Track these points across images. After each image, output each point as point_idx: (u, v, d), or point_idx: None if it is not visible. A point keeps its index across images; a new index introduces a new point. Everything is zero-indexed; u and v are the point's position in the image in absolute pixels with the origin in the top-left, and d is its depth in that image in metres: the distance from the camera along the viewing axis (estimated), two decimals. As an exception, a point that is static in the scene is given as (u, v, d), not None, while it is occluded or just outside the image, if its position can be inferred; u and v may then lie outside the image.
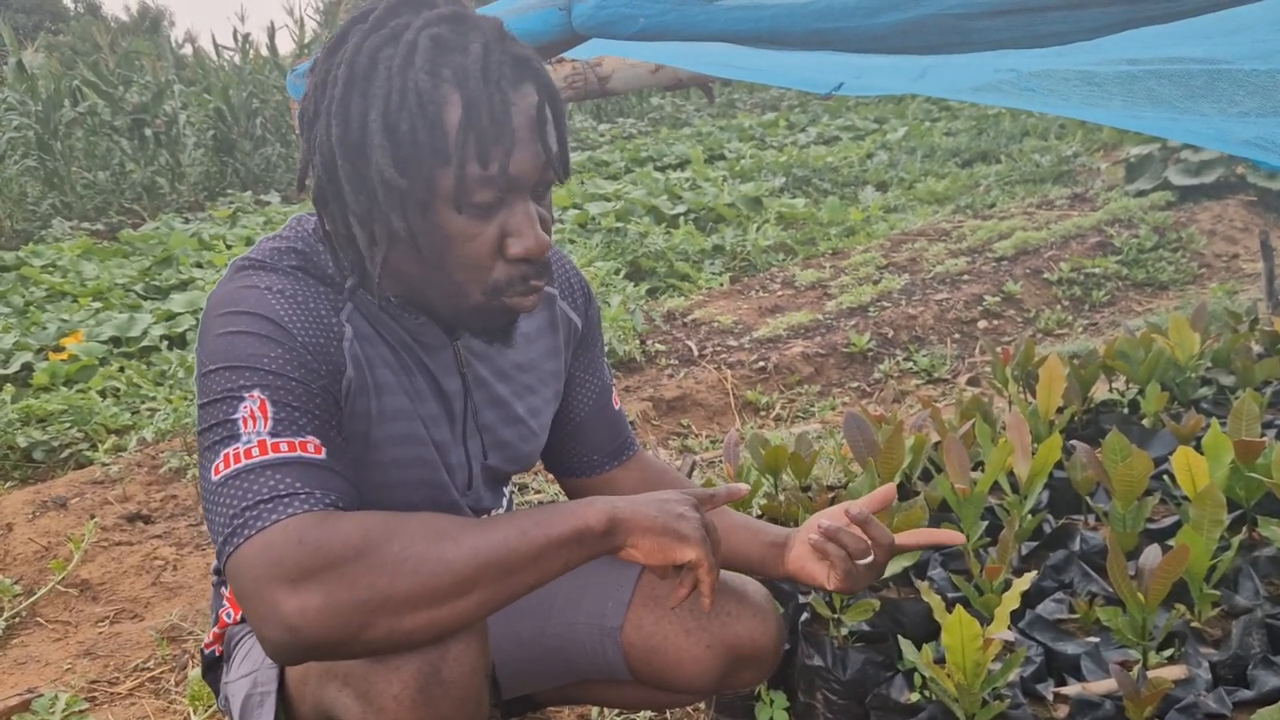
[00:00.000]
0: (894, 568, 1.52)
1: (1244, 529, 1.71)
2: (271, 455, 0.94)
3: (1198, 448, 1.65)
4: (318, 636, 0.86)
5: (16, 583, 2.58)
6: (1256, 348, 2.58)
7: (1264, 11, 0.79)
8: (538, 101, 1.00)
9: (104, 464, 3.27)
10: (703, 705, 1.73)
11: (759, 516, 2.06)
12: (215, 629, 1.29)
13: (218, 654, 1.28)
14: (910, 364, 3.92)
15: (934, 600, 1.31)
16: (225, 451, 0.94)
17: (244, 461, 0.93)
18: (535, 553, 0.94)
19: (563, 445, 1.39)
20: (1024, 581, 1.30)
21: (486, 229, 1.01)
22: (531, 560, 0.94)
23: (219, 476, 0.93)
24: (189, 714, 1.97)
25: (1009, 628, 1.47)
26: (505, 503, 1.35)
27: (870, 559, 1.21)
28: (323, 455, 0.97)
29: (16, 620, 2.43)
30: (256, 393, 0.96)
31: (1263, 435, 1.86)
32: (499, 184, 0.98)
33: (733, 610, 1.29)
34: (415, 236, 1.00)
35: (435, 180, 0.97)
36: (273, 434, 0.95)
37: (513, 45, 1.00)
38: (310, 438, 0.97)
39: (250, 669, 1.16)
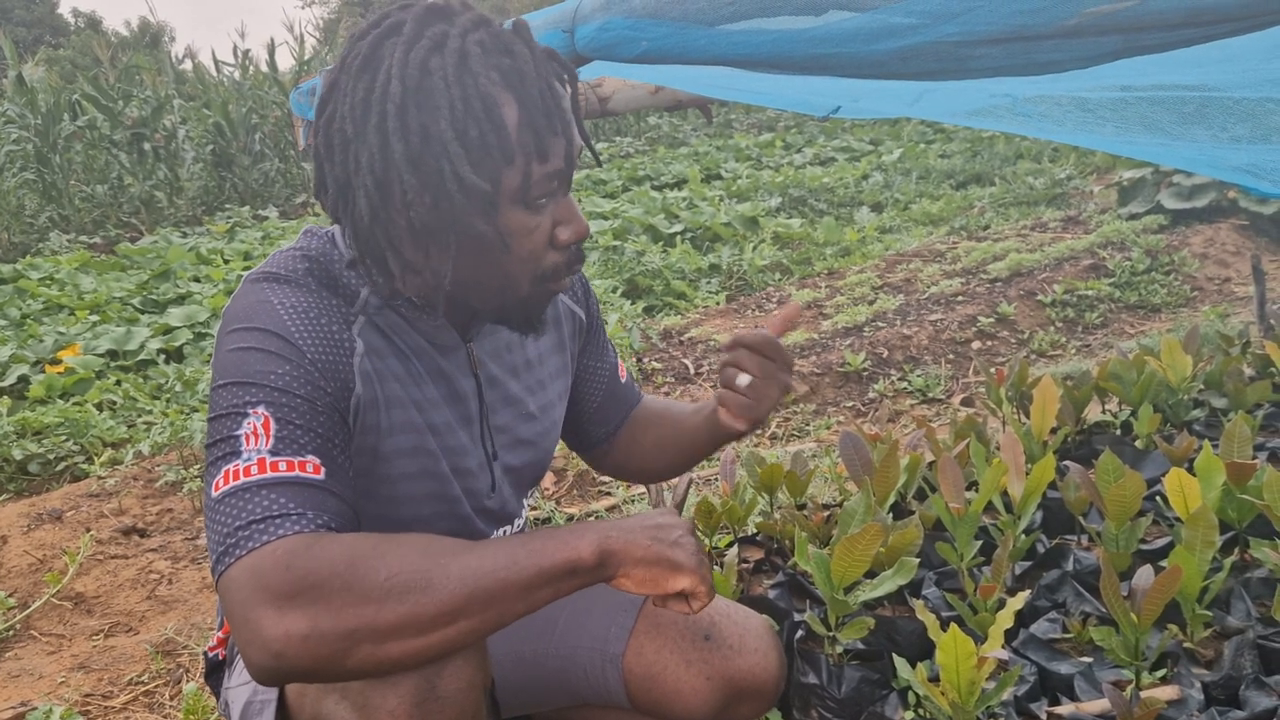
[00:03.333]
0: (887, 586, 1.53)
1: (1236, 550, 1.72)
2: (270, 474, 0.94)
3: (1190, 469, 1.67)
4: (302, 662, 0.86)
5: (11, 595, 2.58)
6: (1248, 370, 2.59)
7: (1254, 42, 0.81)
8: (571, 95, 1.06)
9: (100, 477, 3.27)
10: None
11: (754, 535, 2.07)
12: (219, 633, 1.29)
13: (221, 658, 1.29)
14: (905, 384, 3.93)
15: (928, 619, 1.32)
16: (226, 468, 0.95)
17: (242, 479, 0.94)
18: (525, 583, 0.93)
19: (580, 426, 1.44)
20: (1017, 601, 1.31)
21: (543, 221, 1.04)
22: (521, 591, 0.93)
23: (218, 493, 0.94)
24: (183, 728, 1.96)
25: (1003, 647, 1.48)
26: (525, 513, 1.36)
27: (748, 380, 1.19)
28: (321, 475, 0.97)
29: (10, 633, 2.42)
30: (261, 409, 0.97)
31: (1254, 457, 1.88)
32: (559, 177, 1.03)
33: (735, 643, 1.30)
34: (489, 238, 1.02)
35: (501, 180, 1.00)
36: (273, 452, 0.95)
37: (542, 44, 1.05)
38: (310, 457, 0.97)
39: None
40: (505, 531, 1.28)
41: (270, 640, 0.85)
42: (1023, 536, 1.76)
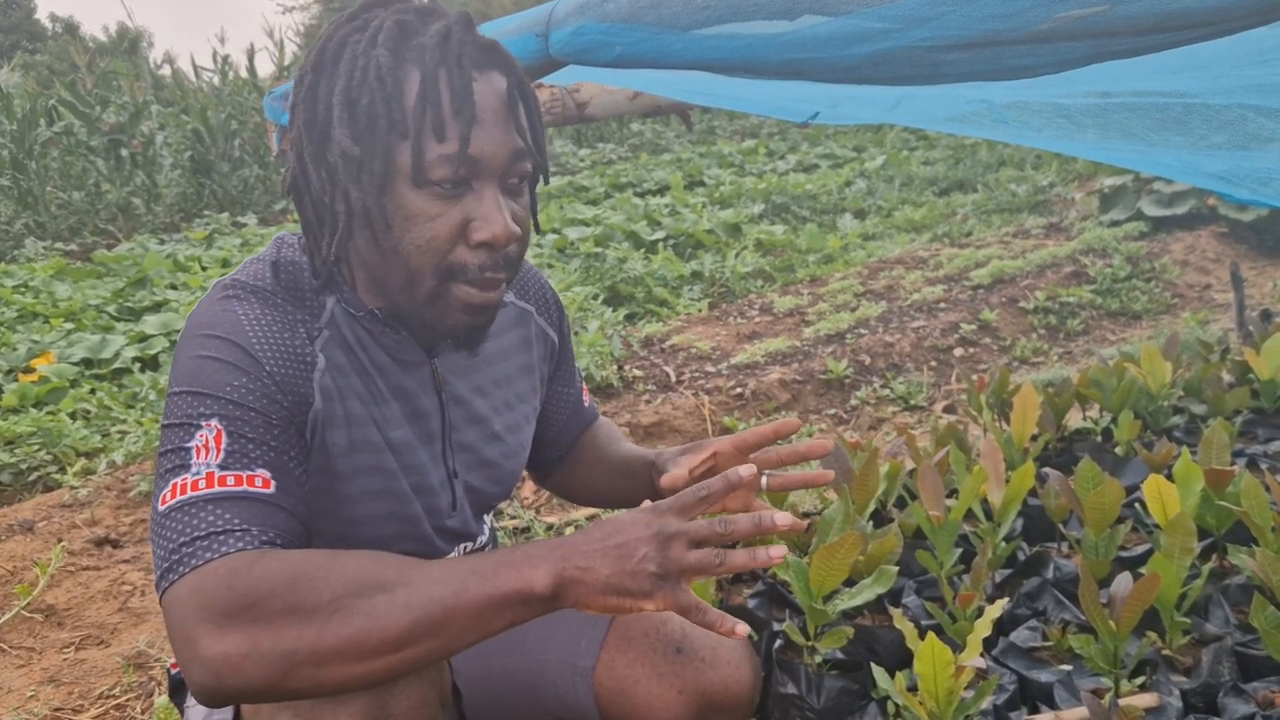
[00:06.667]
0: (866, 595, 1.52)
1: (1214, 557, 1.72)
2: (217, 489, 0.93)
3: (1169, 476, 1.67)
4: (241, 683, 0.85)
5: (-20, 608, 2.54)
6: (1227, 377, 2.60)
7: (1225, 48, 0.81)
8: (505, 86, 1.02)
9: (73, 487, 3.23)
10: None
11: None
12: None
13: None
14: (887, 391, 3.93)
15: (906, 628, 1.31)
16: (174, 481, 0.93)
17: (189, 494, 0.92)
18: (473, 611, 0.88)
19: (540, 450, 1.43)
20: (996, 609, 1.30)
21: (449, 211, 1.01)
22: (469, 619, 0.88)
23: (164, 507, 0.93)
24: (154, 743, 1.93)
25: (982, 655, 1.47)
26: (487, 530, 1.34)
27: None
28: (271, 489, 0.95)
29: (-21, 646, 2.38)
30: (214, 422, 0.96)
31: (1233, 464, 1.88)
32: (457, 162, 0.98)
33: (707, 656, 1.27)
34: (372, 212, 1.00)
35: (393, 155, 0.99)
36: (222, 466, 0.94)
37: (478, 34, 1.03)
38: (261, 471, 0.96)
39: None
40: (466, 548, 1.27)
41: (209, 660, 0.84)
42: (1003, 544, 1.76)
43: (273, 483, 0.96)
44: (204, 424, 0.95)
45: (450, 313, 1.05)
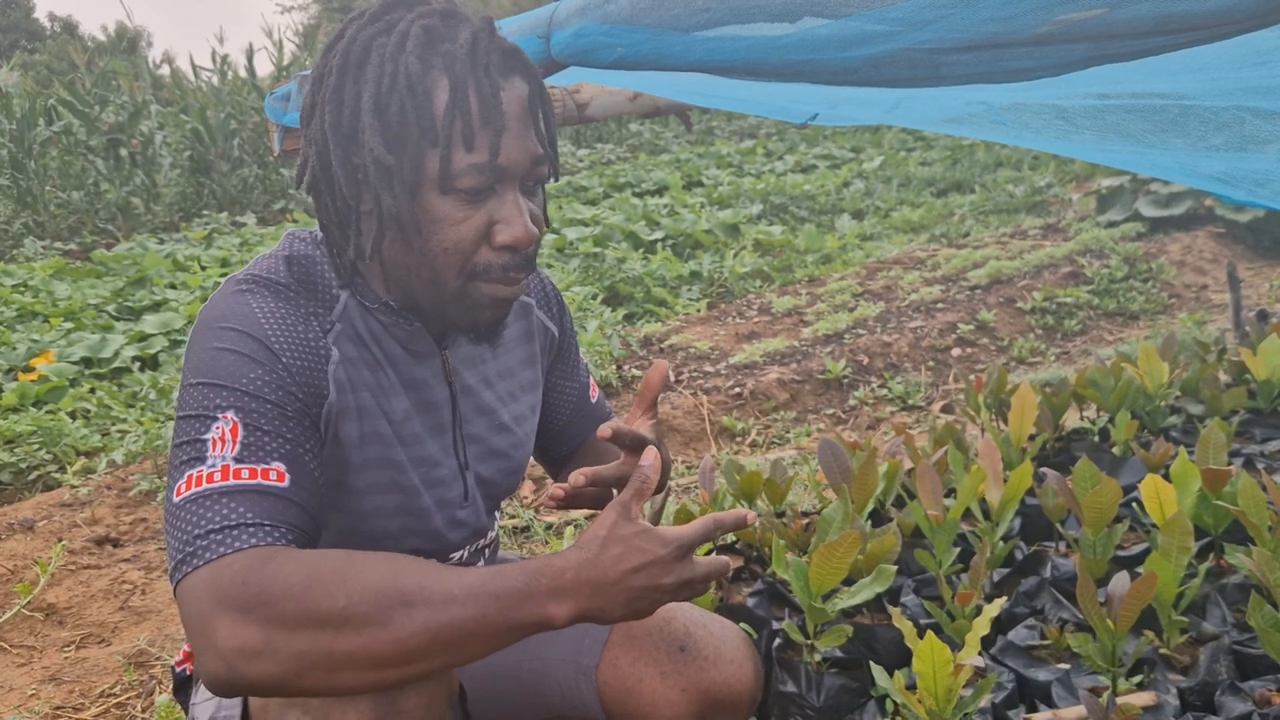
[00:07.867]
0: (865, 594, 1.52)
1: (1211, 556, 1.73)
2: (232, 482, 0.93)
3: (1166, 476, 1.68)
4: (254, 677, 0.86)
5: (-20, 607, 2.54)
6: (1224, 377, 2.61)
7: (1224, 51, 0.81)
8: (528, 93, 1.04)
9: (73, 486, 3.23)
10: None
11: (733, 544, 2.06)
12: (187, 647, 1.28)
13: (189, 673, 1.27)
14: (885, 391, 3.94)
15: (905, 626, 1.32)
16: (190, 473, 0.94)
17: (204, 486, 0.93)
18: (490, 635, 0.90)
19: (547, 444, 1.42)
20: (994, 608, 1.30)
21: (474, 215, 1.02)
22: (484, 641, 0.90)
23: (179, 498, 0.93)
24: (155, 741, 1.94)
25: (980, 654, 1.48)
26: (496, 526, 1.35)
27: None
28: (285, 483, 0.96)
29: (-21, 645, 2.38)
30: (230, 414, 0.96)
31: (1230, 464, 1.89)
32: (487, 170, 1.00)
33: (710, 655, 1.28)
34: (403, 217, 1.01)
35: (423, 162, 1.00)
36: (238, 459, 0.95)
37: (501, 39, 1.04)
38: (276, 464, 0.96)
39: None
40: (478, 544, 1.27)
41: (225, 651, 0.85)
42: (1001, 543, 1.77)
43: (287, 476, 0.97)
44: (220, 416, 0.96)
45: (476, 309, 1.08)
